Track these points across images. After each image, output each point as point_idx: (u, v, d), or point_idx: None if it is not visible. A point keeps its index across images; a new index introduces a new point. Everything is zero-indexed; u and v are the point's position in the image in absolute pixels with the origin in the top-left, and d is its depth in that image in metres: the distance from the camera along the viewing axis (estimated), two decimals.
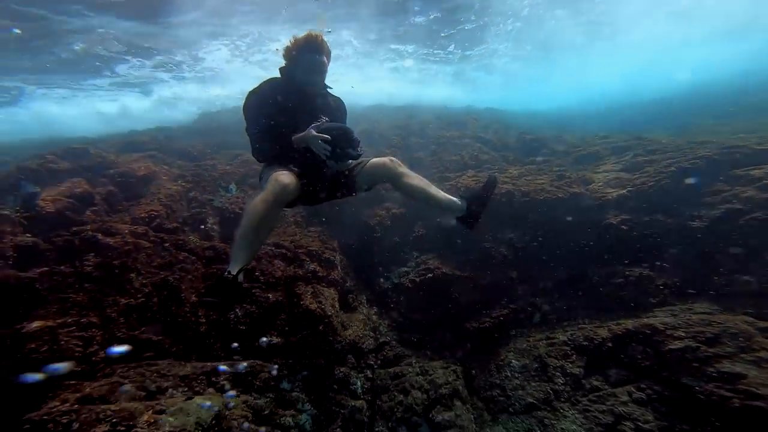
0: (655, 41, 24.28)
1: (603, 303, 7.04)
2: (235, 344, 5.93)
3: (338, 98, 3.71)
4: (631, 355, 5.90)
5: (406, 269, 8.26)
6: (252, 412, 5.41)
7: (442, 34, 18.52)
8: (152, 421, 4.32)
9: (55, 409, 4.15)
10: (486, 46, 20.68)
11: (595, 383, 5.97)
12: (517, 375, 6.51)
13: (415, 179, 3.31)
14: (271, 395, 5.87)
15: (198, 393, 5.18)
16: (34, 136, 18.33)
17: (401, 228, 9.00)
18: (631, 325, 6.11)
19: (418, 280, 7.79)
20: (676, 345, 5.53)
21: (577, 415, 5.73)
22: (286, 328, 6.60)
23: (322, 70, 3.37)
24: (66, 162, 8.19)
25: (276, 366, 6.18)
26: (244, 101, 3.39)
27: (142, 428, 4.20)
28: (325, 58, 3.33)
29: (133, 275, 5.73)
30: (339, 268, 7.86)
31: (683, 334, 5.58)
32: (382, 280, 8.30)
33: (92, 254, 5.60)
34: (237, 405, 5.28)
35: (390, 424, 6.06)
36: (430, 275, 7.71)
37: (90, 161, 8.52)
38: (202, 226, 7.45)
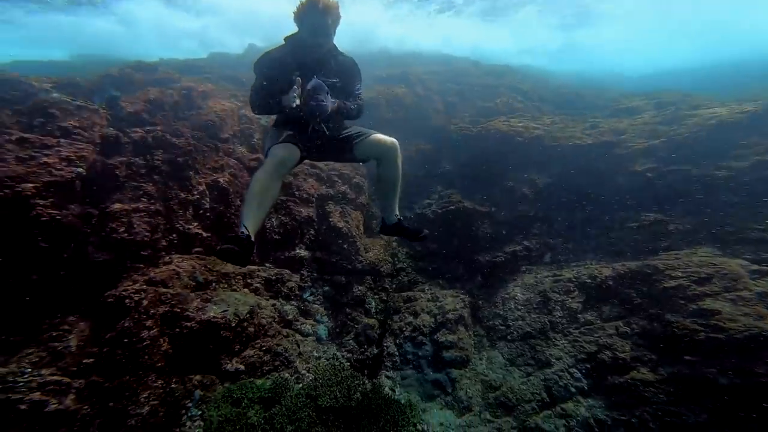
0: None
1: (614, 246, 7.36)
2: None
3: (350, 59, 3.78)
4: (627, 293, 6.27)
5: (429, 201, 8.67)
6: (278, 315, 6.10)
7: None
8: (200, 307, 5.19)
9: (130, 288, 4.99)
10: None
11: (589, 318, 6.43)
12: (520, 307, 6.94)
13: (395, 174, 3.55)
14: (294, 303, 6.54)
15: (235, 290, 5.90)
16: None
17: (428, 163, 9.35)
18: (634, 266, 6.43)
19: (440, 211, 8.22)
20: (671, 284, 5.87)
21: (565, 344, 6.27)
22: (314, 243, 7.22)
23: (326, 33, 3.44)
24: (140, 74, 9.04)
25: (301, 277, 6.85)
26: (256, 59, 3.58)
27: (192, 313, 5.08)
28: (329, 20, 3.38)
29: (191, 173, 6.35)
30: (366, 193, 8.33)
31: (680, 274, 5.88)
32: (405, 210, 8.69)
33: (161, 150, 6.24)
34: (266, 306, 5.98)
35: (397, 341, 6.66)
36: (452, 207, 8.13)
37: (159, 75, 9.29)
38: (251, 141, 8.05)
